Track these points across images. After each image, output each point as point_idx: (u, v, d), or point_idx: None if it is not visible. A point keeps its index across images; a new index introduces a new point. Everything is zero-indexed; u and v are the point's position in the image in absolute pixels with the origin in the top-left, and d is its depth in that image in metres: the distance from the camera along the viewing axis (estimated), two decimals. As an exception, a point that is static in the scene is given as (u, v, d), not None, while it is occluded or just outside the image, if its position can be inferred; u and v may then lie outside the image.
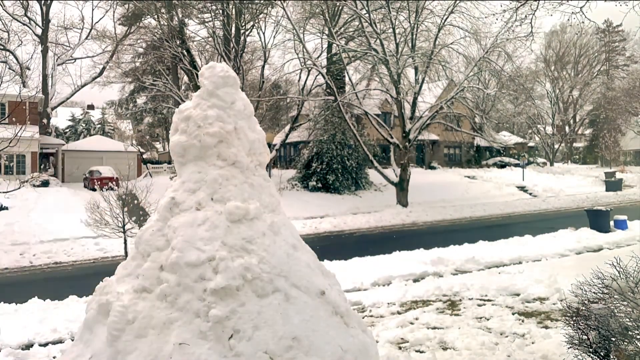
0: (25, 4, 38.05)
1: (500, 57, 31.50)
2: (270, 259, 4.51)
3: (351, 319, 4.78)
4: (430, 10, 29.13)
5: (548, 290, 9.53)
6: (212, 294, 4.19)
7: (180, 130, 5.15)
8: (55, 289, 12.39)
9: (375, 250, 15.52)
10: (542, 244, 15.50)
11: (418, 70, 30.14)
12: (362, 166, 33.97)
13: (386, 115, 42.54)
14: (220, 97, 5.10)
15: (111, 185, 16.81)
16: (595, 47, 64.90)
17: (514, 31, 22.96)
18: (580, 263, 11.70)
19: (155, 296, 4.38)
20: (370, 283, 11.52)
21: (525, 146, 59.58)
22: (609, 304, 4.81)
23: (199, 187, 4.89)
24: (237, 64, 29.46)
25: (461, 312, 8.66)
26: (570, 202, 31.09)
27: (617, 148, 51.92)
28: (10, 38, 38.23)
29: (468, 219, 26.00)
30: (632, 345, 4.56)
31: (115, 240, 16.04)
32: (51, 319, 9.45)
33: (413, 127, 28.90)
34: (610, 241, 15.46)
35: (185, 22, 33.44)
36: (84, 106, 63.46)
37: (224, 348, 4.04)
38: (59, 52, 40.47)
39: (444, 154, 50.12)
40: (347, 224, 24.17)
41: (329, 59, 33.19)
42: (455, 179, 39.83)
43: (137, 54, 39.20)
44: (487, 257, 13.60)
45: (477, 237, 16.79)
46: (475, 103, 36.36)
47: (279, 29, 31.23)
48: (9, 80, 22.32)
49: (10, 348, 7.84)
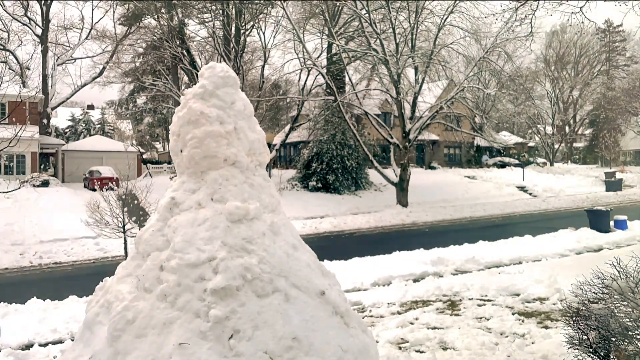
0: (25, 4, 38.05)
1: (500, 57, 31.53)
2: (270, 259, 4.51)
3: (351, 319, 4.77)
4: (430, 10, 29.15)
5: (548, 291, 9.53)
6: (212, 294, 4.19)
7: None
8: (55, 289, 12.38)
9: (375, 250, 15.51)
10: (542, 244, 15.50)
11: (418, 70, 30.14)
12: (362, 166, 33.97)
13: (386, 115, 42.54)
14: (220, 97, 5.10)
15: (111, 185, 16.81)
16: (596, 47, 64.86)
17: (514, 31, 22.99)
18: (580, 263, 11.69)
19: (155, 296, 4.38)
20: (370, 283, 11.52)
21: (525, 146, 59.57)
22: (609, 304, 4.81)
23: (199, 187, 4.90)
24: (237, 64, 29.47)
25: (461, 312, 8.66)
26: (570, 202, 31.09)
27: (617, 148, 51.92)
28: (10, 38, 38.26)
29: (468, 219, 26.00)
30: (632, 346, 4.56)
31: (115, 240, 16.04)
32: (51, 319, 9.45)
33: (413, 127, 28.90)
34: (610, 241, 15.46)
35: (185, 22, 33.46)
36: (84, 106, 63.44)
37: (224, 348, 4.04)
38: (59, 52, 40.50)
39: (444, 154, 50.12)
40: (347, 224, 24.16)
41: (329, 59, 33.20)
42: (455, 179, 39.82)
43: (137, 54, 39.22)
44: (487, 257, 13.60)
45: (477, 237, 16.78)
46: (475, 103, 36.37)
47: (278, 29, 31.28)
48: (9, 80, 22.36)
49: (10, 348, 7.84)
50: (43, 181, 29.02)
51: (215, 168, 4.92)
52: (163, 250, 4.64)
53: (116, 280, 4.79)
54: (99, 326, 4.53)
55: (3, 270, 16.43)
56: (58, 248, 18.74)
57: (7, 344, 8.11)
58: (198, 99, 5.08)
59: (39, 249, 18.57)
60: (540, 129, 62.65)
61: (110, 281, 4.91)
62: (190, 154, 4.94)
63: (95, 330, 4.54)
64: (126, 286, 4.63)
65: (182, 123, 5.08)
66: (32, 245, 19.13)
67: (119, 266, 4.99)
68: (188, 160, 4.98)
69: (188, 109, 5.07)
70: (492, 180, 39.97)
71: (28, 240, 19.79)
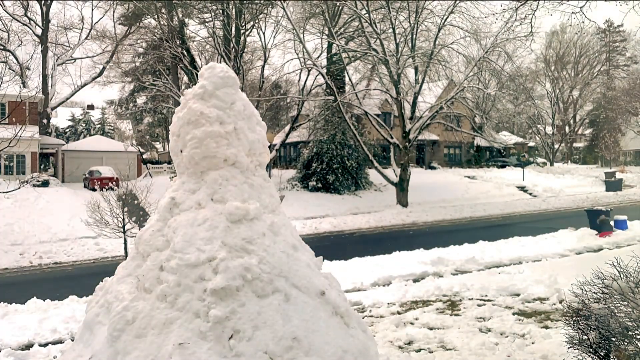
0: (25, 4, 38.04)
1: (500, 57, 31.51)
2: (270, 259, 4.51)
3: (351, 319, 4.77)
4: (430, 10, 29.14)
5: (548, 291, 9.53)
6: (212, 294, 4.19)
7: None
8: (55, 289, 12.38)
9: (375, 250, 15.52)
10: (542, 244, 15.50)
11: (418, 70, 30.14)
12: (362, 166, 33.96)
13: (386, 115, 42.53)
14: (220, 98, 5.10)
15: (111, 185, 16.82)
16: (596, 47, 64.83)
17: (514, 31, 23.01)
18: (580, 263, 11.69)
19: (155, 296, 4.38)
20: (370, 283, 11.52)
21: (526, 146, 59.55)
22: (609, 304, 4.81)
23: (199, 187, 4.90)
24: (237, 64, 29.46)
25: (461, 312, 8.66)
26: (570, 202, 31.08)
27: (617, 148, 51.90)
28: (10, 38, 38.23)
29: (468, 219, 25.99)
30: (632, 346, 4.55)
31: (115, 240, 16.05)
32: (51, 319, 9.44)
33: (413, 127, 28.90)
34: (610, 241, 15.44)
35: (185, 22, 33.45)
36: (84, 106, 63.45)
37: (224, 348, 4.04)
38: (58, 52, 40.47)
39: (444, 154, 50.13)
40: (347, 224, 24.17)
41: (329, 59, 33.20)
42: (455, 179, 39.81)
43: (137, 54, 39.21)
44: (487, 257, 13.60)
45: (477, 237, 16.78)
46: (475, 103, 36.36)
47: (279, 29, 31.27)
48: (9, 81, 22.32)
49: (10, 349, 7.84)
50: (43, 181, 29.00)
51: (215, 168, 4.92)
52: (163, 250, 4.64)
53: (116, 281, 4.79)
54: (99, 326, 4.53)
55: (3, 270, 16.43)
56: (58, 248, 18.75)
57: (7, 344, 8.11)
58: (198, 100, 5.08)
59: (38, 249, 18.57)
60: (540, 129, 62.65)
61: (110, 281, 4.91)
62: (190, 154, 4.94)
63: (95, 330, 4.54)
64: (126, 286, 4.63)
65: (182, 123, 5.08)
66: (32, 245, 19.14)
67: (119, 266, 4.99)
68: (188, 161, 4.98)
69: (188, 109, 5.07)
70: (492, 180, 39.96)
71: (28, 240, 19.79)
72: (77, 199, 24.86)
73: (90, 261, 17.61)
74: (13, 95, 22.27)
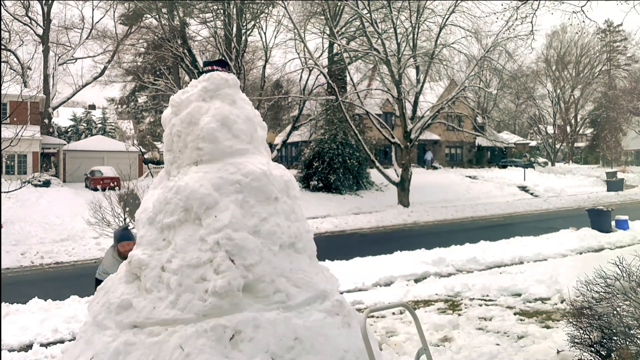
0: (27, 4, 38.08)
1: (501, 57, 31.48)
2: (271, 259, 4.50)
3: (352, 319, 4.77)
4: (432, 10, 29.11)
5: (549, 290, 9.51)
6: (213, 294, 4.18)
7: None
8: (57, 289, 12.38)
9: (376, 250, 15.49)
10: (543, 244, 15.46)
11: (419, 70, 30.12)
12: (364, 166, 33.93)
13: (387, 115, 42.51)
14: (221, 98, 5.10)
15: (112, 185, 16.83)
16: (597, 47, 64.73)
17: (515, 30, 22.98)
18: (582, 263, 11.67)
19: (156, 296, 4.37)
20: (372, 283, 11.50)
21: (527, 146, 59.48)
22: (611, 303, 4.80)
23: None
24: (238, 64, 29.46)
25: (462, 312, 8.65)
26: (571, 202, 31.03)
27: (618, 148, 51.81)
28: (12, 38, 38.30)
29: (469, 219, 25.96)
30: (635, 345, 4.55)
31: (117, 240, 16.01)
32: (52, 319, 9.43)
33: (414, 127, 28.88)
34: (612, 241, 15.43)
35: (187, 22, 33.44)
36: (85, 106, 63.51)
37: (225, 348, 4.03)
38: (60, 52, 40.50)
39: (445, 153, 50.09)
40: (349, 224, 24.15)
41: (330, 58, 33.18)
42: (457, 179, 39.78)
43: (138, 53, 39.20)
44: (489, 257, 13.57)
45: (478, 237, 16.75)
46: (476, 103, 36.33)
47: (280, 28, 31.26)
48: (10, 80, 22.39)
49: (12, 348, 7.84)
50: (44, 181, 29.00)
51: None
52: (164, 250, 4.64)
53: (117, 280, 4.78)
54: (100, 326, 4.53)
55: (4, 270, 16.42)
56: (59, 248, 18.74)
57: (8, 344, 8.11)
58: (199, 100, 5.09)
59: (40, 249, 18.57)
60: (541, 129, 62.57)
61: (111, 281, 4.91)
62: (191, 154, 4.94)
63: (96, 330, 4.54)
64: (127, 286, 4.63)
65: (183, 124, 5.09)
66: (34, 245, 19.14)
67: (120, 266, 4.99)
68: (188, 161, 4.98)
69: (188, 110, 5.07)
70: (493, 180, 39.92)
71: (29, 240, 19.80)
72: (78, 199, 24.86)
73: (91, 261, 17.58)
74: (14, 95, 22.34)
